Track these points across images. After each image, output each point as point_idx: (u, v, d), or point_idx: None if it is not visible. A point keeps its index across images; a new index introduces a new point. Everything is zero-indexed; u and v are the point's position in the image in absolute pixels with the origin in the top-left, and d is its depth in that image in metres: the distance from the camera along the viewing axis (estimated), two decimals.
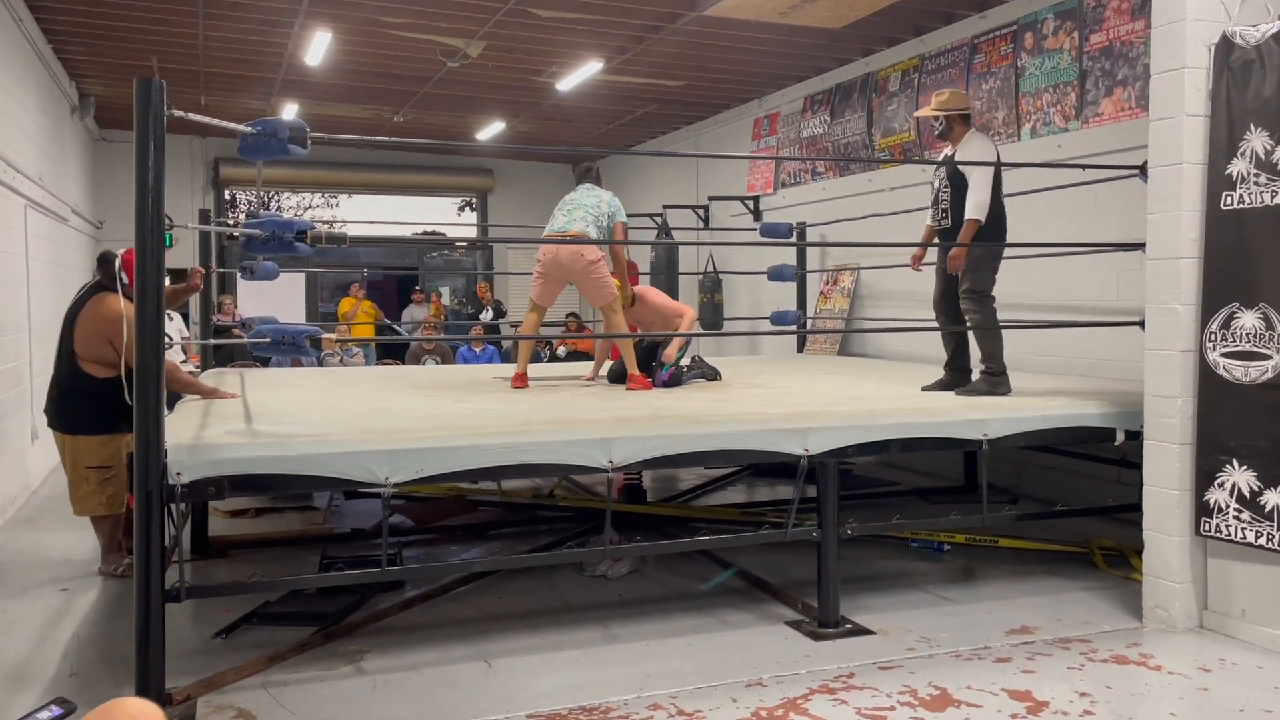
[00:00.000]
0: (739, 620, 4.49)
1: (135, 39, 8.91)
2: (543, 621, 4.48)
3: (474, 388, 6.08)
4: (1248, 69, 4.07)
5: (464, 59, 9.23)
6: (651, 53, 9.06)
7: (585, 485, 7.09)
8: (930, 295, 5.65)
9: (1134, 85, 6.41)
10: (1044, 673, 3.84)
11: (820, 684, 3.73)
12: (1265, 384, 4.01)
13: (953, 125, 5.42)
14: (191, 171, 13.65)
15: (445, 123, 12.68)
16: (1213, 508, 4.19)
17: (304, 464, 3.65)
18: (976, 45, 7.80)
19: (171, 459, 3.45)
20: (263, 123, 3.76)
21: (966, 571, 5.35)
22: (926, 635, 4.27)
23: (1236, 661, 3.93)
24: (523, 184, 15.53)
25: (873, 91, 9.03)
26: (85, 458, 5.17)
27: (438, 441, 3.86)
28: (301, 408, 4.97)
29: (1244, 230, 4.08)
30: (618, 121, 12.39)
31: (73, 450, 5.20)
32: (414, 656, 4.04)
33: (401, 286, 17.11)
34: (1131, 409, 4.75)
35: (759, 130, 10.98)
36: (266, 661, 3.92)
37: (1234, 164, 4.11)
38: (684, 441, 4.18)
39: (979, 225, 5.20)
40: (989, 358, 5.33)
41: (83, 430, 5.18)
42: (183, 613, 4.31)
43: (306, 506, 6.83)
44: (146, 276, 3.35)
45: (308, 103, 11.42)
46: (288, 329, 3.81)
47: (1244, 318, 4.08)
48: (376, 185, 15.58)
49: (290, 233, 3.58)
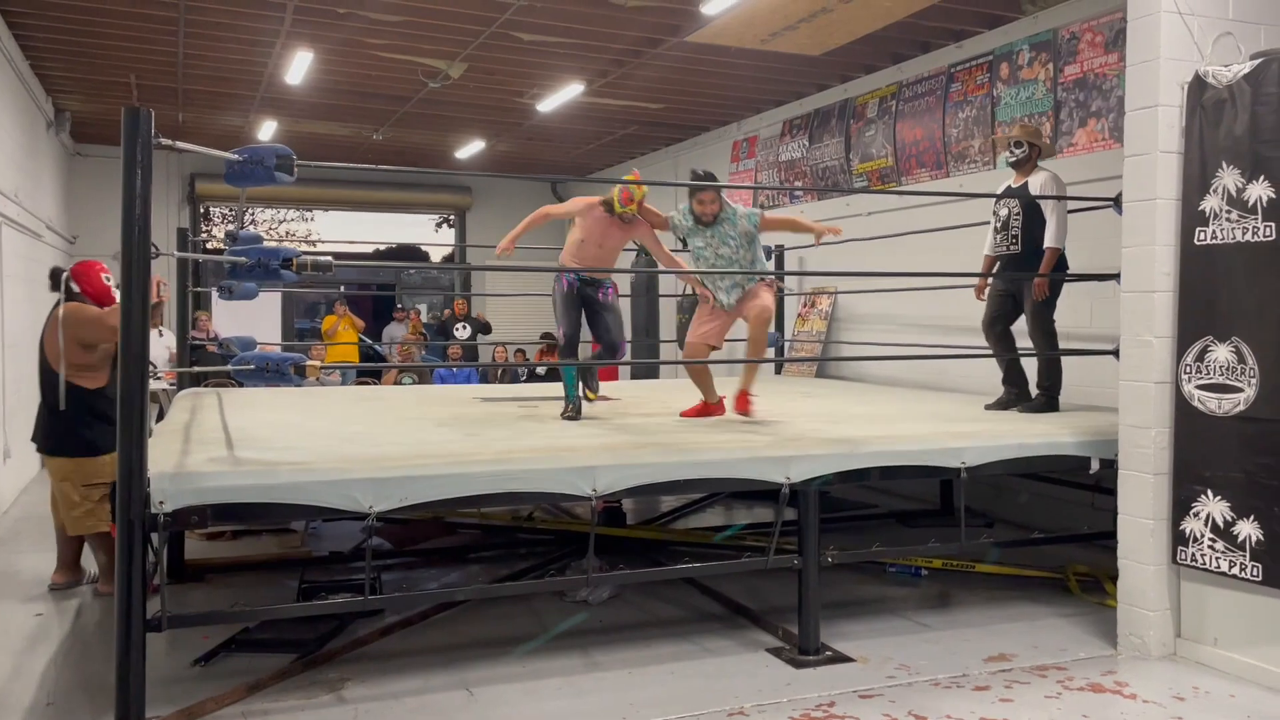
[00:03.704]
0: (720, 647, 4.51)
1: (114, 56, 8.87)
2: (524, 648, 4.48)
3: (454, 410, 6.08)
4: (1220, 108, 4.16)
5: (445, 80, 9.26)
6: (633, 76, 9.13)
7: (564, 507, 7.09)
8: (906, 319, 5.75)
9: (1107, 117, 6.53)
10: (1022, 701, 3.88)
11: (801, 713, 3.75)
12: (1238, 416, 4.09)
13: (1031, 155, 5.68)
14: (167, 186, 13.54)
15: (425, 141, 12.69)
16: (1189, 537, 4.26)
17: (287, 492, 3.64)
18: (953, 74, 7.92)
19: (154, 487, 3.44)
20: (249, 150, 3.76)
21: (944, 597, 5.40)
22: (906, 663, 4.31)
23: (1210, 690, 3.99)
24: (501, 201, 15.53)
25: (851, 117, 9.13)
26: (85, 477, 5.16)
27: (422, 470, 3.86)
28: (282, 431, 4.94)
29: (1217, 265, 4.17)
30: (597, 142, 12.45)
31: (72, 472, 5.18)
32: (395, 685, 4.03)
33: (377, 303, 17.06)
34: (1106, 438, 4.82)
35: (738, 153, 11.07)
36: (246, 690, 3.89)
37: (1207, 200, 4.20)
38: (667, 470, 4.20)
39: (1059, 254, 5.52)
40: (1051, 379, 5.69)
41: (81, 452, 5.16)
42: (160, 639, 4.25)
43: (284, 529, 6.78)
44: (133, 303, 3.34)
45: (287, 120, 11.39)
46: (272, 356, 3.80)
47: (1217, 351, 4.16)
48: (354, 201, 15.56)
49: (275, 261, 3.58)
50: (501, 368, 11.71)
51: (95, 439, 5.16)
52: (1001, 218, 5.75)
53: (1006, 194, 5.74)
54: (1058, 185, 5.61)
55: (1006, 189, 5.78)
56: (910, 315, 8.08)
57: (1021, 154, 5.67)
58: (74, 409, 5.14)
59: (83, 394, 5.16)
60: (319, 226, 20.86)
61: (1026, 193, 5.61)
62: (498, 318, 15.10)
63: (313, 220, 21.55)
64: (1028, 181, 5.65)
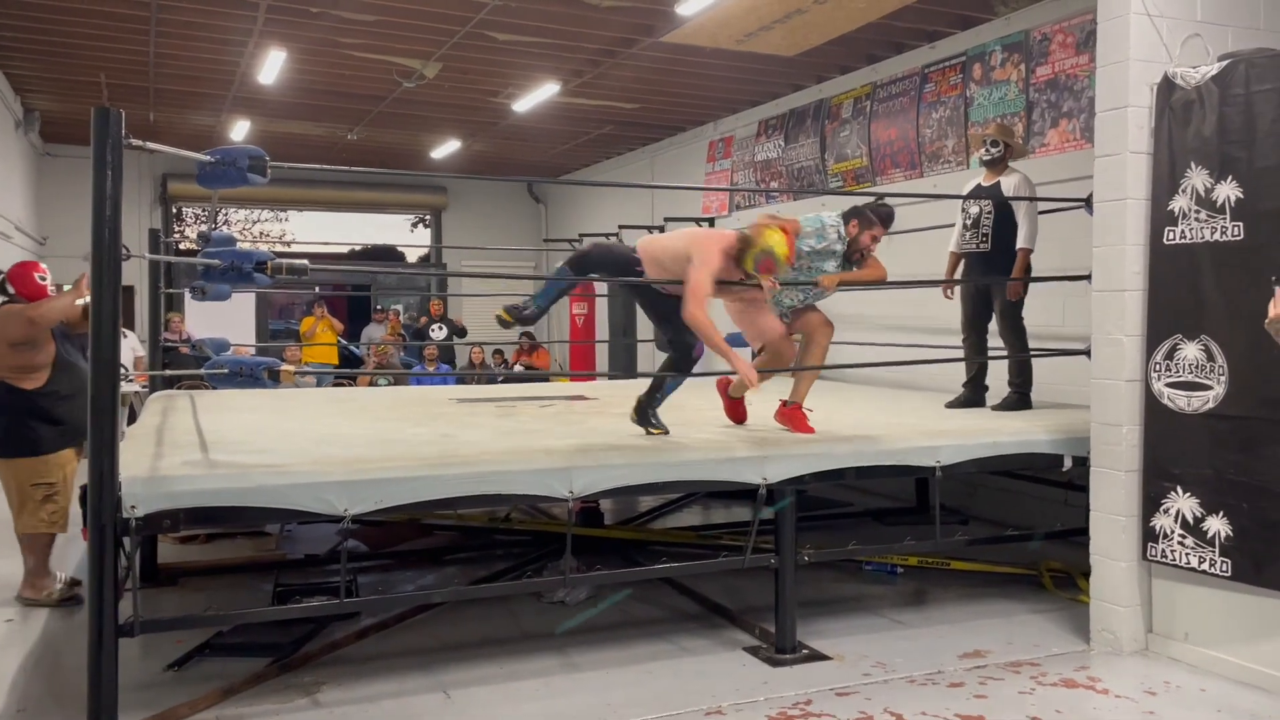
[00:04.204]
0: (697, 646, 4.52)
1: (84, 55, 8.78)
2: (501, 650, 4.47)
3: (429, 410, 6.05)
4: (1188, 109, 4.21)
5: (420, 79, 9.22)
6: (608, 76, 9.13)
7: (542, 508, 7.07)
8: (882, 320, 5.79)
9: (1079, 117, 6.59)
10: (996, 697, 3.91)
11: (778, 711, 3.77)
12: (1207, 413, 4.14)
13: (1005, 155, 5.75)
14: (139, 187, 13.41)
15: (400, 141, 12.64)
16: (1159, 533, 4.31)
17: (261, 495, 3.61)
18: (927, 75, 7.97)
19: (126, 491, 3.41)
20: (221, 151, 3.73)
21: (919, 594, 5.43)
22: (882, 660, 4.33)
23: (1180, 684, 4.04)
24: (477, 202, 15.50)
25: (826, 118, 9.17)
26: (28, 477, 5.11)
27: (397, 472, 3.84)
28: (256, 434, 4.91)
29: (1186, 264, 4.21)
30: (573, 142, 12.44)
31: (15, 473, 5.12)
32: (371, 688, 4.01)
33: (353, 303, 16.95)
34: (1078, 435, 4.87)
35: (714, 153, 11.09)
36: (221, 694, 3.87)
37: (1176, 200, 4.25)
38: (644, 471, 4.20)
39: (1029, 254, 5.60)
40: (1023, 376, 5.76)
41: (24, 453, 5.10)
42: (133, 644, 4.21)
43: (258, 532, 6.73)
44: (103, 306, 3.30)
45: (260, 120, 11.31)
46: (245, 361, 3.78)
47: (1186, 349, 4.21)
48: (328, 202, 15.47)
49: (249, 264, 3.55)
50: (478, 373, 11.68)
51: (38, 439, 5.11)
52: (972, 215, 5.79)
53: (977, 192, 5.79)
54: (1030, 187, 5.68)
55: (976, 187, 5.83)
56: (886, 316, 8.12)
57: (997, 153, 5.73)
58: (15, 410, 5.09)
59: (22, 395, 5.10)
60: (293, 227, 20.65)
61: (999, 192, 5.65)
62: (474, 319, 15.05)
63: (287, 220, 21.35)
64: (1000, 181, 5.70)
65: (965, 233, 5.86)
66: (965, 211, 5.86)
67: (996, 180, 5.72)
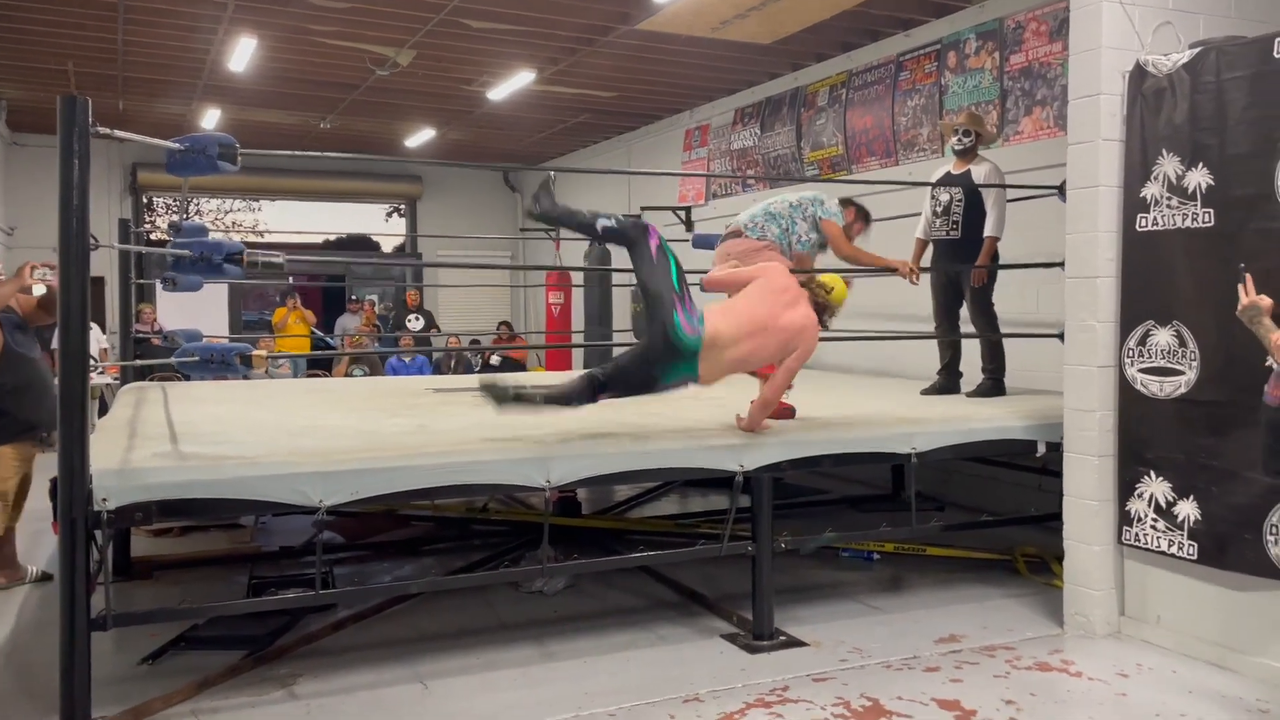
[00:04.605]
0: (675, 635, 4.53)
1: (51, 43, 8.64)
2: (479, 640, 4.46)
3: (405, 401, 6.02)
4: (1160, 96, 4.24)
5: (393, 67, 9.15)
6: (584, 64, 9.09)
7: (519, 498, 7.06)
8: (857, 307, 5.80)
9: (1052, 105, 6.62)
10: (971, 681, 3.94)
11: (756, 697, 3.78)
12: (1179, 398, 4.18)
13: (977, 144, 5.80)
14: (108, 176, 13.25)
15: (374, 130, 12.54)
16: (1133, 517, 4.35)
17: (235, 487, 3.59)
18: (902, 63, 7.98)
19: (97, 484, 3.36)
20: (191, 139, 3.68)
21: (896, 580, 5.46)
22: (858, 646, 4.36)
23: (1153, 666, 4.08)
24: (452, 191, 15.41)
25: (802, 106, 9.17)
26: None
27: (372, 463, 3.81)
28: (229, 425, 4.86)
29: (1158, 251, 4.25)
30: (549, 130, 12.38)
31: None
32: (348, 679, 3.99)
33: (327, 294, 16.83)
34: (1051, 421, 4.90)
35: (690, 141, 11.07)
36: (196, 688, 3.83)
37: (1148, 187, 4.28)
38: (621, 460, 4.20)
39: (996, 241, 5.65)
40: (996, 362, 5.81)
41: None
42: (107, 638, 4.15)
43: (233, 524, 6.68)
44: (71, 297, 3.26)
45: (231, 108, 11.19)
46: (216, 347, 3.74)
47: (1159, 335, 4.25)
48: (301, 191, 15.33)
49: (219, 255, 3.50)
50: (454, 353, 11.63)
51: None
52: (943, 203, 5.81)
53: (948, 180, 5.82)
54: (1000, 176, 5.73)
55: (946, 175, 5.86)
56: (861, 303, 8.13)
57: (969, 142, 5.77)
58: None
59: None
60: (266, 217, 20.44)
61: (970, 181, 5.69)
62: (450, 308, 14.98)
63: (260, 210, 21.15)
64: (970, 169, 5.73)
65: (935, 220, 5.88)
66: (935, 199, 5.89)
67: (967, 168, 5.75)
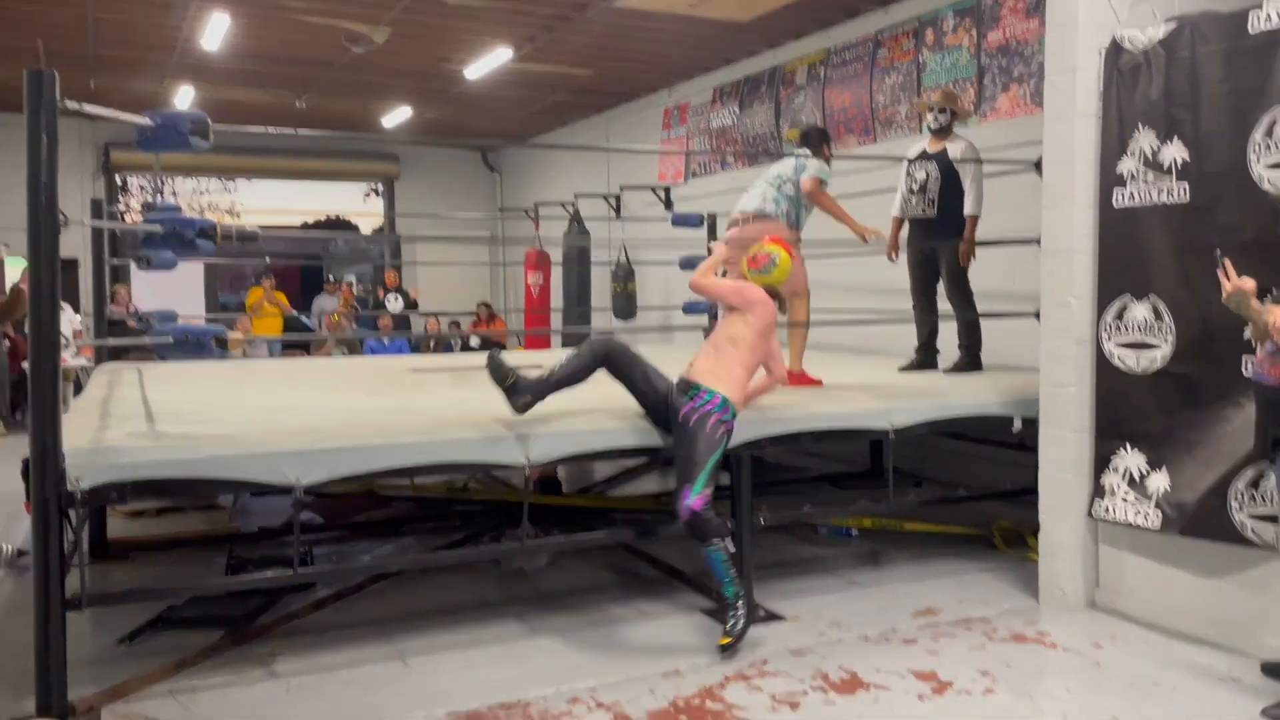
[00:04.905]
0: (655, 611, 4.55)
1: (18, 20, 8.50)
2: (460, 618, 4.46)
3: (383, 380, 5.99)
4: (1136, 72, 4.25)
5: (369, 45, 9.05)
6: (562, 42, 9.02)
7: (499, 477, 7.05)
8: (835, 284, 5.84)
9: (1029, 82, 6.63)
10: (948, 653, 3.98)
11: (736, 671, 3.81)
12: (1155, 372, 4.21)
13: (953, 122, 5.83)
14: (80, 156, 13.05)
15: (350, 108, 12.41)
16: (1105, 490, 4.39)
17: (211, 466, 3.56)
18: (880, 40, 7.97)
19: (70, 463, 3.34)
20: (162, 115, 3.64)
21: (874, 555, 5.50)
22: (837, 620, 4.39)
23: (1126, 637, 4.13)
24: (430, 170, 15.29)
25: (780, 84, 9.15)
26: None
27: (350, 441, 3.80)
28: (205, 405, 4.83)
29: (1134, 226, 4.27)
30: (528, 109, 12.30)
31: None
32: (328, 658, 3.98)
33: (305, 274, 16.71)
34: (1027, 397, 4.93)
35: (669, 120, 11.03)
36: (174, 668, 3.82)
37: (1124, 162, 4.29)
38: (601, 437, 4.20)
39: (977, 220, 5.69)
40: (972, 339, 5.87)
41: None
42: (84, 619, 4.14)
43: (211, 505, 6.64)
44: (41, 276, 3.22)
45: (205, 87, 11.05)
46: (191, 329, 3.70)
47: (1135, 309, 4.28)
48: (278, 170, 15.17)
49: (191, 231, 3.47)
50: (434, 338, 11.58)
51: None
52: (919, 181, 5.82)
53: (924, 157, 5.82)
54: (976, 154, 5.74)
55: (922, 153, 5.87)
56: (839, 280, 8.16)
57: (945, 120, 5.77)
58: None
59: None
60: (242, 197, 20.24)
61: (947, 158, 5.70)
62: (429, 288, 14.89)
63: (236, 191, 20.93)
64: (946, 147, 5.73)
65: (911, 198, 5.89)
66: (911, 177, 5.89)
67: (943, 146, 5.76)
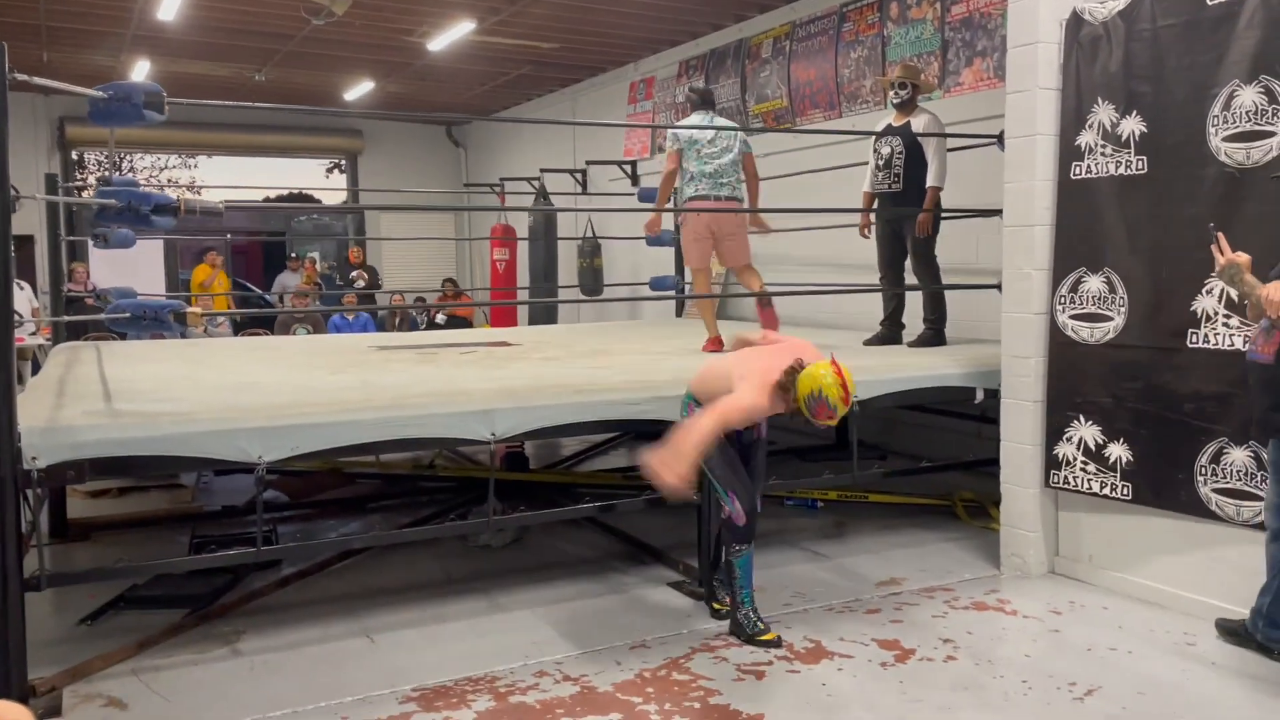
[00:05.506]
0: (622, 584, 4.57)
1: None
2: (426, 594, 4.46)
3: (348, 358, 5.95)
4: (1096, 44, 4.28)
5: (329, 17, 8.90)
6: (525, 14, 8.93)
7: (466, 454, 7.04)
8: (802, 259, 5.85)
9: (992, 56, 6.66)
10: (910, 621, 4.04)
11: (701, 643, 3.84)
12: (1108, 344, 4.27)
13: (915, 96, 5.82)
14: (35, 131, 12.80)
15: (311, 82, 12.23)
16: (1061, 461, 4.46)
17: (171, 444, 3.52)
18: (845, 14, 7.96)
19: (26, 442, 3.29)
20: (114, 86, 3.56)
21: (839, 526, 5.56)
22: (801, 590, 4.44)
23: (1085, 604, 4.21)
24: (394, 145, 15.13)
25: (746, 58, 9.12)
26: None
27: (313, 418, 3.77)
28: (166, 383, 4.77)
29: (1091, 199, 4.32)
30: (492, 83, 12.18)
31: None
32: (293, 635, 3.97)
33: (267, 251, 16.51)
34: (989, 369, 4.99)
35: (635, 94, 10.97)
36: (136, 647, 3.79)
37: (1083, 135, 4.33)
38: (566, 411, 4.20)
39: (939, 192, 5.68)
40: (937, 312, 5.89)
41: None
42: (44, 600, 4.11)
43: (173, 484, 6.58)
44: None
45: (162, 60, 10.83)
46: (149, 304, 3.65)
47: (1090, 281, 4.33)
48: (239, 146, 14.93)
49: (147, 205, 3.40)
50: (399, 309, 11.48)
51: None
52: (884, 156, 5.84)
53: (888, 132, 5.84)
54: (939, 126, 5.76)
55: (887, 127, 5.89)
56: (806, 255, 8.19)
57: (906, 95, 5.79)
58: None
59: None
60: (203, 173, 19.91)
61: (910, 132, 5.71)
62: (394, 263, 14.78)
63: (196, 167, 20.59)
64: (910, 121, 5.75)
65: (878, 173, 5.92)
66: (877, 152, 5.92)
67: (906, 120, 5.78)
